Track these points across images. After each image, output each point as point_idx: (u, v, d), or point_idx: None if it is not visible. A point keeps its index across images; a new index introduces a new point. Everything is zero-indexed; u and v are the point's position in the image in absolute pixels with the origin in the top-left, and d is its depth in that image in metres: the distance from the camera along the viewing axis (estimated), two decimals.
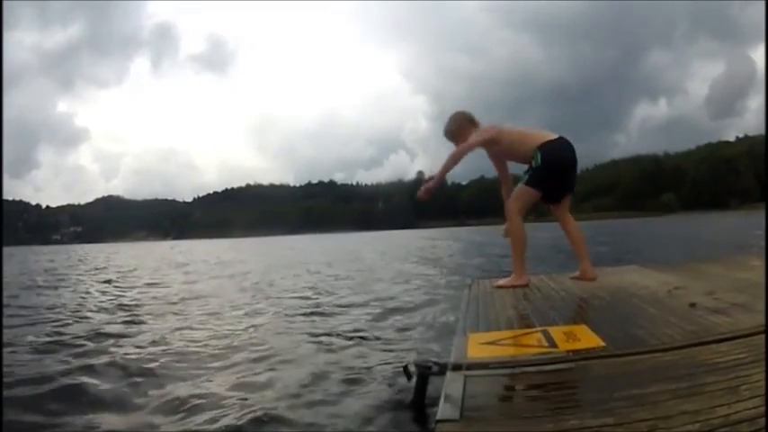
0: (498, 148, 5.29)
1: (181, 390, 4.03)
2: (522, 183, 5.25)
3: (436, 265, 16.42)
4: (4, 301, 9.31)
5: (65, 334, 6.12)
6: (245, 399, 3.80)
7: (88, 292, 11.12)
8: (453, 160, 5.05)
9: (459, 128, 5.37)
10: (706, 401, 1.85)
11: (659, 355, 2.58)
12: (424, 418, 3.10)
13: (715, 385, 2.02)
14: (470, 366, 2.65)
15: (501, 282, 5.30)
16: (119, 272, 18.37)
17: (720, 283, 4.41)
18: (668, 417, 1.77)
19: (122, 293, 10.64)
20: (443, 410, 2.08)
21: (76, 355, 5.14)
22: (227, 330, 6.45)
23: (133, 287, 12.22)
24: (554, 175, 5.19)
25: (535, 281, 6.02)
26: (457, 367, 2.66)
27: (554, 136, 5.22)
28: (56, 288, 12.31)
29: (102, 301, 9.07)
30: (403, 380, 3.43)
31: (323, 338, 5.82)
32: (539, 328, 3.41)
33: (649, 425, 1.73)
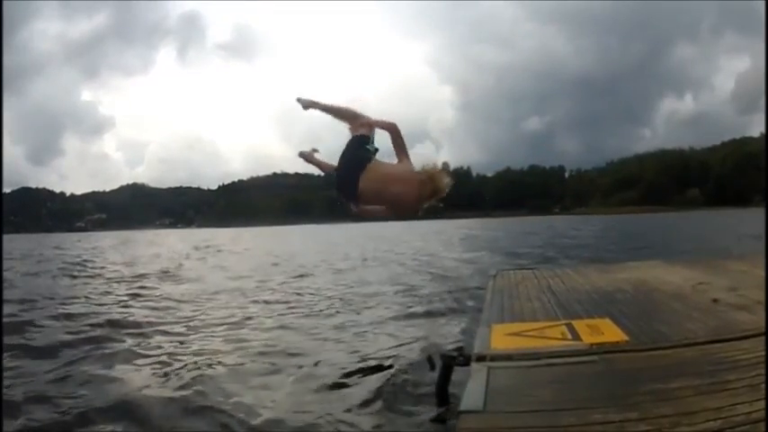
0: None
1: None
2: None
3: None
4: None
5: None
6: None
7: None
8: None
9: None
10: (728, 398, 1.89)
11: (682, 350, 2.60)
12: (448, 408, 3.14)
13: (737, 382, 2.04)
14: (494, 357, 2.70)
15: None
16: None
17: (743, 280, 4.39)
18: (691, 413, 1.80)
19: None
20: (467, 401, 2.12)
21: None
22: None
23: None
24: None
25: (560, 273, 6.03)
26: (480, 358, 2.71)
27: None
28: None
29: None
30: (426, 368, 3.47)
31: (359, 327, 5.88)
32: (563, 321, 3.44)
33: (672, 420, 1.76)
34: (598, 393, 2.11)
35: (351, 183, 3.90)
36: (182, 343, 5.26)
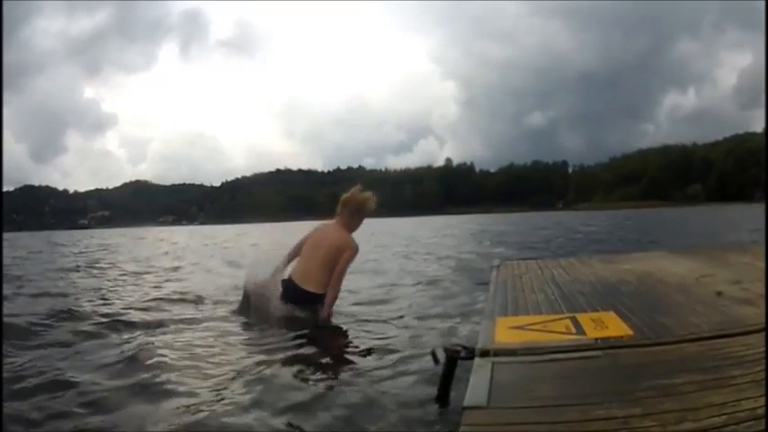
0: None
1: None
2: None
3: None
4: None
5: None
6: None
7: None
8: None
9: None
10: (732, 394, 1.88)
11: (686, 345, 2.60)
12: (452, 404, 3.13)
13: (741, 378, 2.04)
14: (498, 352, 2.70)
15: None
16: None
17: (747, 273, 4.39)
18: (695, 408, 1.80)
19: None
20: (470, 397, 2.12)
21: None
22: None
23: None
24: None
25: (563, 263, 6.02)
26: (484, 353, 2.71)
27: None
28: None
29: None
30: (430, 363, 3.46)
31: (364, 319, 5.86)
32: (567, 315, 3.44)
33: (676, 416, 1.76)
34: (602, 389, 2.11)
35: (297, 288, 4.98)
36: (189, 339, 5.27)
